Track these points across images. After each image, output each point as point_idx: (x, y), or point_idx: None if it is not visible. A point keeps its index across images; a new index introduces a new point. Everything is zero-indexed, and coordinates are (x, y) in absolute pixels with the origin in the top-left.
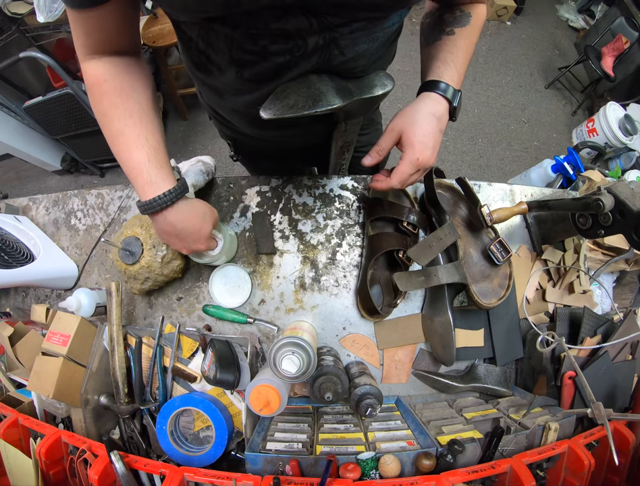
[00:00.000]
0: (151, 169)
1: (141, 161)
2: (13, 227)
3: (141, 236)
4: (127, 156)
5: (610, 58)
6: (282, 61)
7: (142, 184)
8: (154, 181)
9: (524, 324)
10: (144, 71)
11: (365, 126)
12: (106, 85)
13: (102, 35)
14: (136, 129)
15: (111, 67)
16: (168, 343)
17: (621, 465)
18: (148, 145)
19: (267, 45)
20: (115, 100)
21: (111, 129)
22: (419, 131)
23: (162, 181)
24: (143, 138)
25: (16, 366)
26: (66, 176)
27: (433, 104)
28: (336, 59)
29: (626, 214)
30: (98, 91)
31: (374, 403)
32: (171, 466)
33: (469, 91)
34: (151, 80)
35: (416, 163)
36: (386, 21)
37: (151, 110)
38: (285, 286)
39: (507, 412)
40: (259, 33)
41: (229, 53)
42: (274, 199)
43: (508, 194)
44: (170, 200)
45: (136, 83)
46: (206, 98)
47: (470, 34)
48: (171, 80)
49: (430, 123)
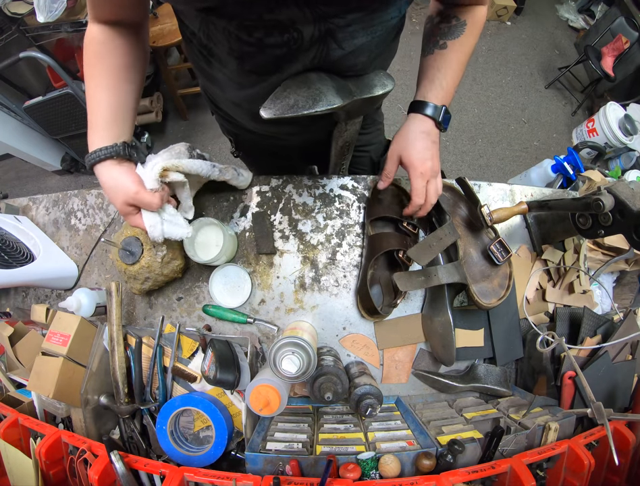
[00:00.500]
0: (97, 129)
1: (91, 120)
2: (13, 227)
3: (141, 236)
4: (88, 114)
5: (610, 58)
6: (280, 53)
7: (89, 140)
8: (91, 140)
9: (524, 324)
10: (132, 41)
11: (366, 125)
12: (91, 47)
13: (106, 7)
14: (99, 91)
15: (103, 33)
16: (168, 343)
17: (621, 465)
18: (104, 107)
19: (262, 38)
20: (93, 61)
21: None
22: (414, 150)
23: (99, 140)
24: (104, 101)
25: (16, 366)
26: (66, 176)
27: (420, 124)
28: (335, 53)
29: (626, 214)
30: (85, 51)
31: (374, 403)
32: (171, 466)
33: (469, 91)
34: (140, 51)
35: (422, 176)
36: (384, 14)
37: (122, 76)
38: (285, 286)
39: (507, 412)
40: (253, 25)
41: (229, 45)
42: (274, 199)
43: (508, 194)
44: (93, 159)
45: (116, 50)
46: (209, 92)
47: (462, 45)
48: (171, 80)
49: (422, 140)
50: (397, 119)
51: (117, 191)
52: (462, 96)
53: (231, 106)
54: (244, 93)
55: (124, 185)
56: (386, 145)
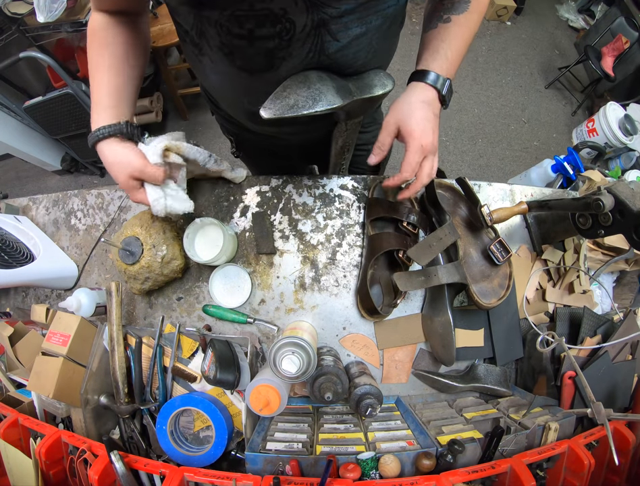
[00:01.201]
0: (100, 109)
1: (95, 100)
2: (13, 227)
3: (141, 236)
4: (92, 94)
5: (610, 58)
6: (272, 46)
7: (92, 119)
8: (94, 119)
9: (524, 324)
10: (133, 28)
11: (367, 124)
12: (95, 34)
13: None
14: (102, 71)
15: (105, 21)
16: (168, 343)
17: (621, 465)
18: (107, 87)
19: (254, 28)
20: (96, 46)
21: (90, 70)
22: (414, 119)
23: (101, 119)
24: (107, 81)
25: (16, 366)
26: (66, 176)
27: (422, 93)
28: (330, 45)
29: (626, 214)
30: (89, 38)
31: (374, 403)
32: (171, 466)
33: (469, 91)
34: (141, 38)
35: (421, 150)
36: (379, 3)
37: (125, 60)
38: (285, 286)
39: (507, 412)
40: (245, 15)
41: (219, 40)
42: (274, 199)
43: (508, 194)
44: (97, 136)
45: (119, 36)
46: (208, 92)
47: (467, 20)
48: (171, 80)
49: (423, 109)
50: None
51: (122, 165)
52: (462, 96)
53: (230, 106)
54: (240, 92)
55: (129, 159)
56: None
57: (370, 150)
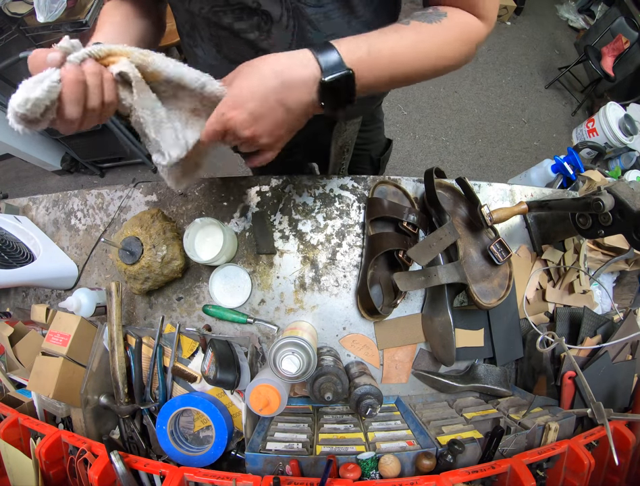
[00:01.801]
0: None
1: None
2: (13, 227)
3: (141, 236)
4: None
5: (610, 58)
6: (253, 37)
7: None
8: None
9: (524, 324)
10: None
11: (367, 122)
12: (104, 16)
13: None
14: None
15: (119, 5)
16: (168, 343)
17: (621, 465)
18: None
19: (232, 23)
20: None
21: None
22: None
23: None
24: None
25: (16, 366)
26: (66, 176)
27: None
28: (312, 35)
29: (626, 214)
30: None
31: (374, 403)
32: (171, 466)
33: (469, 91)
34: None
35: (222, 120)
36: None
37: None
38: (285, 286)
39: (507, 412)
40: (222, 10)
41: (209, 30)
42: (274, 199)
43: (508, 194)
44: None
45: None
46: None
47: (431, 32)
48: None
49: (264, 80)
50: (397, 119)
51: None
52: (462, 96)
53: None
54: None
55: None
56: (386, 144)
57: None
